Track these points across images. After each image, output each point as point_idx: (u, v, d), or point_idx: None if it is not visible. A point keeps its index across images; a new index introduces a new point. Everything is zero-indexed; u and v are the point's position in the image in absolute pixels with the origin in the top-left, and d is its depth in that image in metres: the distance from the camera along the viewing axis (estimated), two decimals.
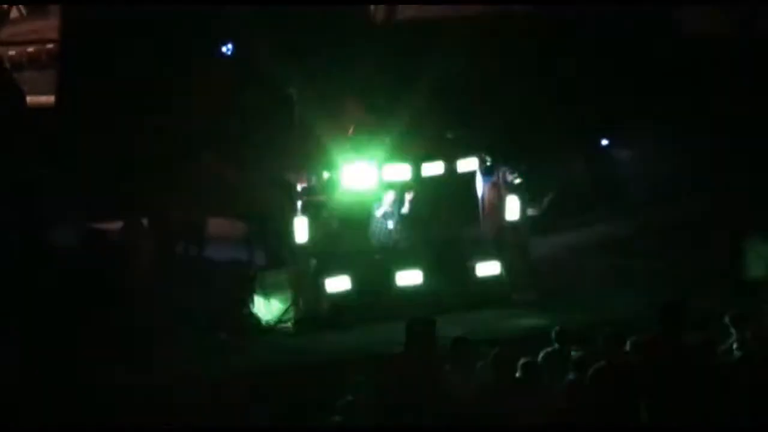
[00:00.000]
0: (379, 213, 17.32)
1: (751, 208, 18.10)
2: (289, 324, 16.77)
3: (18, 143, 17.99)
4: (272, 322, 16.85)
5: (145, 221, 17.49)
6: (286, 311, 16.91)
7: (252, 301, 16.96)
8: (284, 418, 10.47)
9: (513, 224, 17.33)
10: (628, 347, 10.64)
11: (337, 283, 16.76)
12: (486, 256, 17.17)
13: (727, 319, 11.79)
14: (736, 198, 18.69)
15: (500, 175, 17.39)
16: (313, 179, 16.93)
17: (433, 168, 17.13)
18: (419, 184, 17.25)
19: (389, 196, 17.25)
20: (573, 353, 11.09)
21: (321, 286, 16.75)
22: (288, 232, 16.81)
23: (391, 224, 17.33)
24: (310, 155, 17.03)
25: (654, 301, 11.26)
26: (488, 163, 17.45)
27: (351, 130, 17.31)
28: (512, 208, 17.29)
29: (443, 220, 17.86)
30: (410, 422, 9.84)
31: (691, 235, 18.19)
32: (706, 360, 10.24)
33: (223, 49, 18.60)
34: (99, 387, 13.25)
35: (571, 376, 10.29)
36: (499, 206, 17.36)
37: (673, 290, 14.84)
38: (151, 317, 15.60)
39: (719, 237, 17.60)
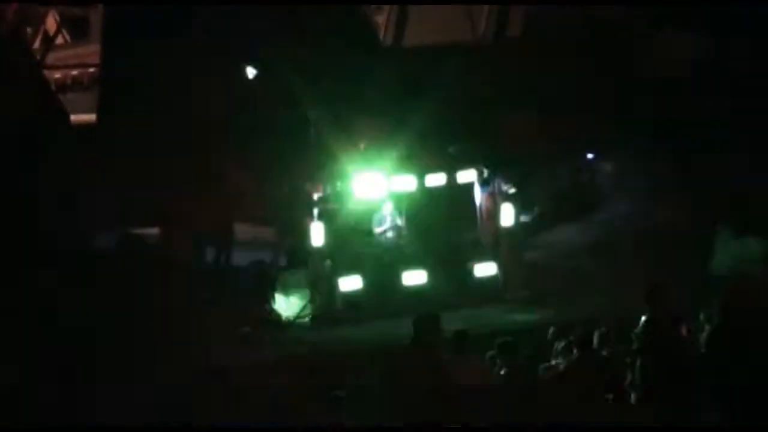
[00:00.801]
0: (379, 230, 17.29)
1: (718, 214, 18.11)
2: (306, 319, 16.83)
3: (62, 158, 17.98)
4: (292, 318, 16.89)
5: (179, 227, 17.61)
6: (304, 307, 16.96)
7: (273, 298, 17.01)
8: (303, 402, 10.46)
9: (507, 230, 17.36)
10: (596, 339, 10.73)
11: (350, 283, 16.79)
12: (483, 258, 17.20)
13: (702, 317, 11.73)
14: (706, 205, 18.65)
15: (496, 185, 17.43)
16: (328, 189, 16.99)
17: (436, 179, 17.20)
18: (423, 193, 17.22)
19: (387, 208, 17.27)
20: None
21: (335, 285, 16.78)
22: (305, 236, 16.88)
23: (391, 235, 17.33)
24: (325, 168, 17.11)
25: (630, 300, 11.21)
26: (485, 175, 17.50)
27: (362, 146, 17.30)
28: (507, 215, 17.32)
29: (445, 226, 17.72)
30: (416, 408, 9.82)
31: (666, 238, 18.08)
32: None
33: (249, 73, 18.52)
34: (141, 369, 13.30)
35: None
36: (495, 213, 17.40)
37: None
38: (185, 312, 15.57)
39: (692, 239, 17.62)
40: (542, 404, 9.86)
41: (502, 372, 10.63)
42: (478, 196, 17.65)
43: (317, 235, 16.75)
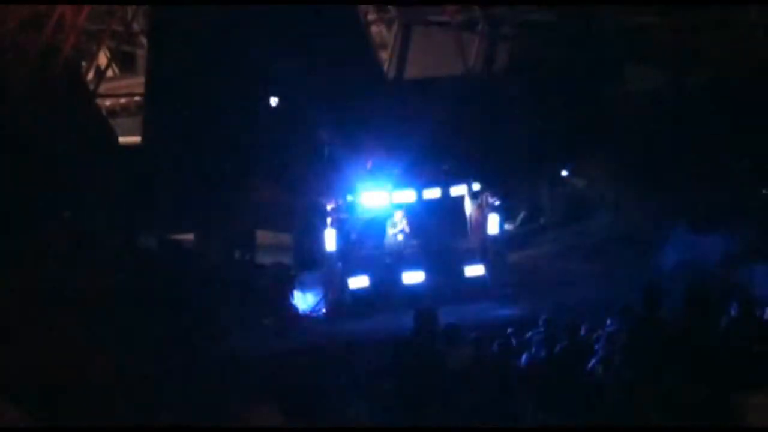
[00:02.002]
0: (392, 231, 17.25)
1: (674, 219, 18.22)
2: (321, 312, 16.83)
3: (112, 173, 18.06)
4: (307, 312, 16.90)
5: (211, 233, 17.63)
6: (318, 303, 16.96)
7: (292, 294, 16.98)
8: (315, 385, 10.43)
9: (493, 236, 17.38)
10: (583, 332, 10.69)
11: (358, 281, 16.79)
12: (473, 261, 17.18)
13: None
14: (664, 212, 18.74)
15: (484, 198, 17.44)
16: (340, 201, 16.98)
17: (432, 192, 17.23)
18: (421, 205, 17.19)
19: (398, 216, 17.30)
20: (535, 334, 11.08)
21: (346, 284, 16.78)
22: (320, 242, 16.89)
23: (401, 237, 17.35)
24: (337, 183, 17.14)
25: (602, 296, 11.11)
26: (475, 189, 17.53)
27: (369, 164, 17.30)
28: (493, 224, 17.34)
29: (439, 233, 17.69)
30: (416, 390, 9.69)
31: (631, 242, 18.12)
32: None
33: (272, 101, 18.55)
34: (176, 355, 13.36)
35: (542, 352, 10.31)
36: (482, 222, 17.40)
37: (616, 287, 14.93)
38: (215, 306, 15.61)
39: (652, 240, 17.65)
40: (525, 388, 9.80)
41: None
42: (469, 207, 17.67)
43: (330, 240, 16.76)
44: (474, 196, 17.49)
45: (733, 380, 8.24)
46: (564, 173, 20.50)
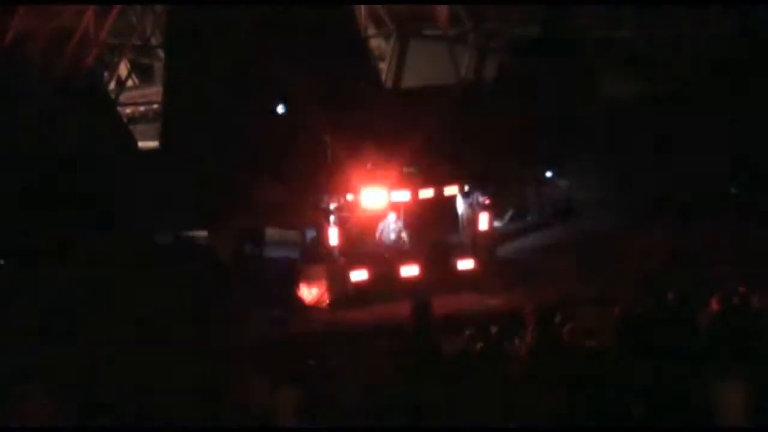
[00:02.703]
0: (391, 228, 17.27)
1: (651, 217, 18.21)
2: (324, 303, 16.77)
3: (132, 174, 18.10)
4: (313, 302, 16.85)
5: (223, 230, 17.63)
6: (322, 294, 16.89)
7: (298, 286, 16.97)
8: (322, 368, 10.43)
9: (483, 233, 17.35)
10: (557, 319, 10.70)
11: (359, 274, 16.73)
12: (464, 255, 17.16)
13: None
14: (641, 210, 18.77)
15: (474, 197, 17.41)
16: (342, 200, 16.94)
17: (427, 192, 17.18)
18: (417, 203, 17.13)
19: (395, 214, 17.25)
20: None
21: (347, 276, 16.73)
22: (324, 237, 16.86)
23: (393, 235, 17.31)
24: (339, 183, 17.09)
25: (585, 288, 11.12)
26: (466, 189, 17.48)
27: (368, 165, 17.25)
28: (483, 222, 17.30)
29: (434, 229, 17.71)
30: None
31: (610, 237, 18.22)
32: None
33: (279, 108, 18.57)
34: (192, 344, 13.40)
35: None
36: (473, 220, 17.38)
37: (597, 281, 14.94)
38: (227, 298, 15.69)
39: (631, 240, 17.68)
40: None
41: (478, 346, 10.62)
42: (461, 206, 17.66)
43: (333, 237, 16.73)
44: (465, 195, 17.47)
45: (709, 366, 8.26)
46: (548, 175, 20.51)
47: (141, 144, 19.43)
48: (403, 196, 17.05)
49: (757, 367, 7.71)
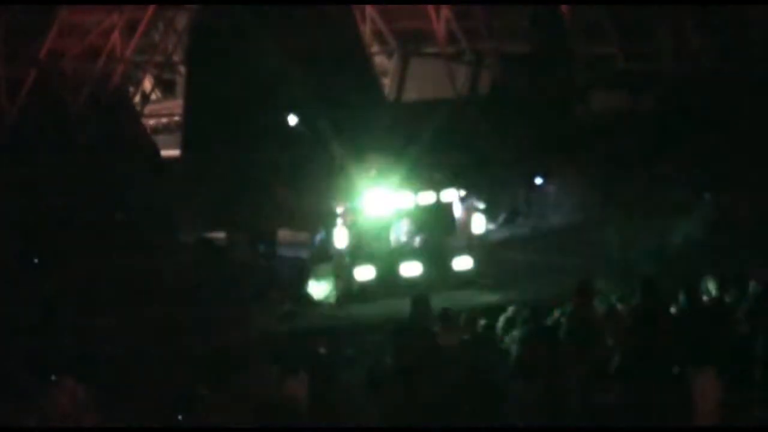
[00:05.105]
0: (393, 230, 17.17)
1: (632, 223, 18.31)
2: (332, 299, 16.70)
3: (156, 181, 18.22)
4: (321, 298, 16.77)
5: (240, 231, 17.69)
6: (330, 291, 16.79)
7: (308, 284, 16.93)
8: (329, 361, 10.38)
9: (478, 235, 17.31)
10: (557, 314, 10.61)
11: (364, 272, 16.59)
12: (461, 255, 17.05)
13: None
14: (623, 214, 18.77)
15: (470, 202, 17.34)
16: (348, 205, 16.83)
17: (426, 197, 17.10)
18: (417, 207, 17.02)
19: (397, 217, 17.21)
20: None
21: (353, 274, 16.61)
22: (331, 239, 16.76)
23: (400, 235, 17.22)
24: (346, 188, 17.04)
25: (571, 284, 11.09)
26: (462, 194, 17.41)
27: (372, 172, 17.18)
28: (478, 224, 17.25)
29: (433, 231, 17.44)
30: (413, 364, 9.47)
31: (598, 238, 18.13)
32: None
33: (291, 120, 18.65)
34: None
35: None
36: (469, 223, 17.29)
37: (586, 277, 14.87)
38: (244, 293, 15.77)
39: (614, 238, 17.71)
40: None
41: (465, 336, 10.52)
42: (457, 210, 17.56)
43: (340, 238, 16.67)
44: (462, 200, 17.40)
45: (683, 359, 8.30)
46: (539, 181, 20.54)
47: (164, 153, 19.63)
48: (405, 200, 16.99)
49: None
